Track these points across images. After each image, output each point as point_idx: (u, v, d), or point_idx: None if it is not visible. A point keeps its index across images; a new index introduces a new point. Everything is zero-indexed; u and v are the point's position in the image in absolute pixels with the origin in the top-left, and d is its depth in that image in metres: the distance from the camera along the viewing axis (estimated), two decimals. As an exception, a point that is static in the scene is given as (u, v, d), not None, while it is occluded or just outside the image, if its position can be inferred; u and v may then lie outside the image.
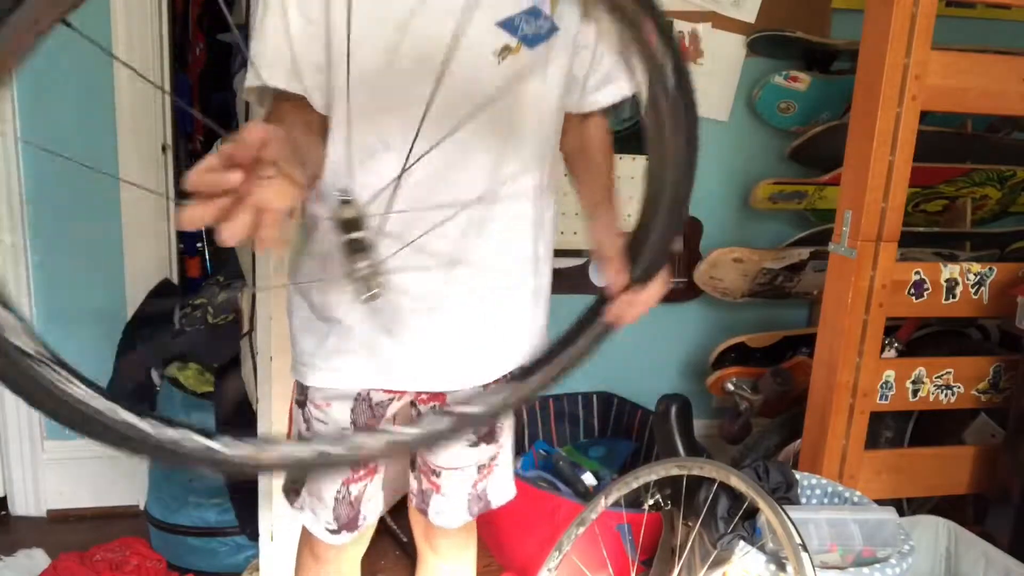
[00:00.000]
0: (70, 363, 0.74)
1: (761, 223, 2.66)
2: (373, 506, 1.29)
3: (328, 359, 1.16)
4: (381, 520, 1.40)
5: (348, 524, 1.27)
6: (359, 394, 1.19)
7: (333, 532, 1.26)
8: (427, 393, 1.22)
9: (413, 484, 1.33)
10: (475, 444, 1.26)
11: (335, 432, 1.19)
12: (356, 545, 1.34)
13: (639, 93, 0.79)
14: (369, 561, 1.50)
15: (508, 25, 1.03)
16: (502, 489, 1.34)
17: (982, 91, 1.76)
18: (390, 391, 1.20)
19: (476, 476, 1.29)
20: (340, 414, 1.20)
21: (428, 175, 1.04)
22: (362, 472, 1.25)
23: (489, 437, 1.28)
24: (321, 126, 1.10)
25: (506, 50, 1.03)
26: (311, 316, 1.17)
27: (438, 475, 1.28)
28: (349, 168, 1.08)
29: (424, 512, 1.32)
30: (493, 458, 1.30)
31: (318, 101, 1.07)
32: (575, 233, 2.51)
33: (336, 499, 1.24)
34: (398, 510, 2.21)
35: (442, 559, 1.41)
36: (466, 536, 1.40)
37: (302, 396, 1.23)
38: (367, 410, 1.20)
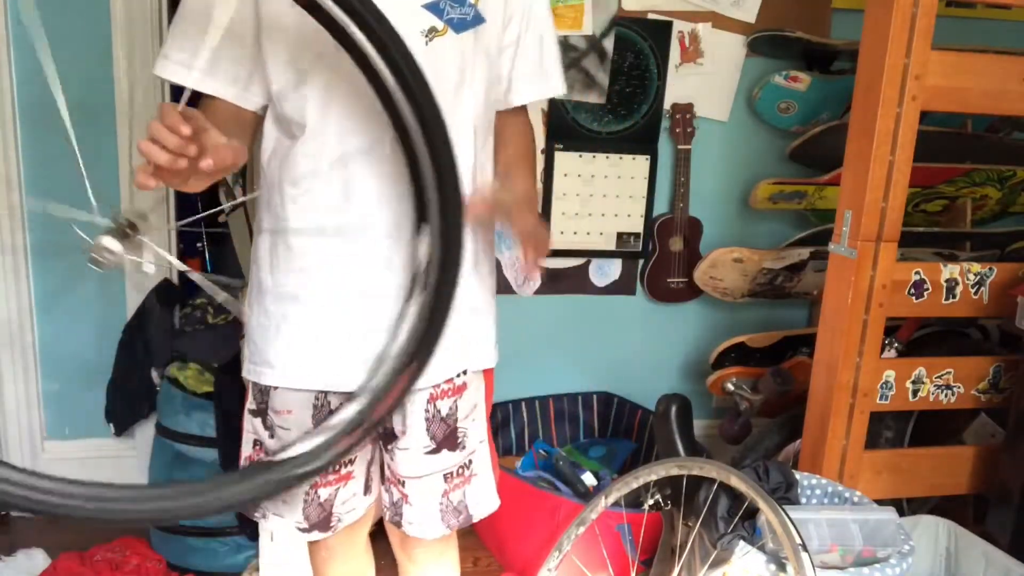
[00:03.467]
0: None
1: (761, 223, 2.66)
2: (350, 509, 1.27)
3: (282, 355, 1.16)
4: (379, 520, 1.39)
5: (319, 524, 1.25)
6: (317, 397, 1.19)
7: (303, 531, 1.25)
8: None
9: (385, 497, 1.30)
10: (435, 451, 1.23)
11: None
12: (355, 526, 1.33)
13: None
14: (369, 561, 1.51)
15: (433, 8, 1.10)
16: (483, 500, 1.30)
17: (982, 91, 1.76)
18: (346, 393, 1.16)
19: (445, 485, 1.25)
20: (303, 419, 1.19)
21: (362, 155, 1.09)
22: (331, 477, 1.23)
23: (451, 443, 1.24)
24: (248, 121, 1.16)
25: (433, 31, 1.09)
26: (265, 306, 1.18)
27: (403, 484, 1.25)
28: (282, 154, 1.14)
29: (398, 524, 1.28)
30: (465, 467, 1.26)
31: (237, 96, 1.13)
32: (575, 233, 2.52)
33: (305, 500, 1.23)
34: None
35: (420, 568, 1.38)
36: (443, 543, 1.35)
37: (260, 404, 1.22)
38: (328, 416, 1.16)
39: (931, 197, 2.50)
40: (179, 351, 2.20)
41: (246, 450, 1.27)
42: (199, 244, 2.91)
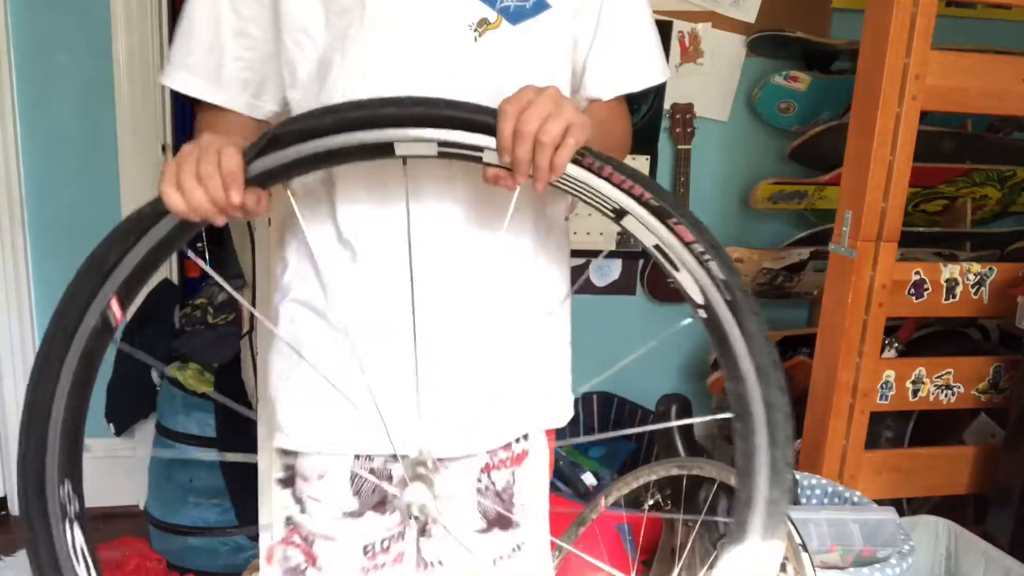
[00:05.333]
0: None
1: (761, 223, 2.66)
2: None
3: (316, 412, 0.95)
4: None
5: None
6: (356, 458, 0.97)
7: None
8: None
9: None
10: (484, 531, 1.02)
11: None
12: None
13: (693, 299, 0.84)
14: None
15: None
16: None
17: (982, 91, 1.76)
18: (386, 455, 0.98)
19: (493, 569, 1.04)
20: (339, 487, 0.97)
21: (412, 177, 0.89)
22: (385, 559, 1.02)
23: (504, 523, 1.03)
24: (254, 130, 0.97)
25: (484, 24, 0.91)
26: (280, 348, 0.97)
27: (440, 564, 1.03)
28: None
29: None
30: (517, 548, 1.05)
31: (247, 106, 0.97)
32: (575, 233, 2.51)
33: None
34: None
35: None
36: None
37: (287, 472, 0.99)
38: (370, 481, 0.98)
39: (931, 197, 2.50)
40: (179, 351, 2.20)
41: (278, 530, 1.02)
42: (199, 244, 2.91)
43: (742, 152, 2.60)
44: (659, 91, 2.46)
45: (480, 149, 0.79)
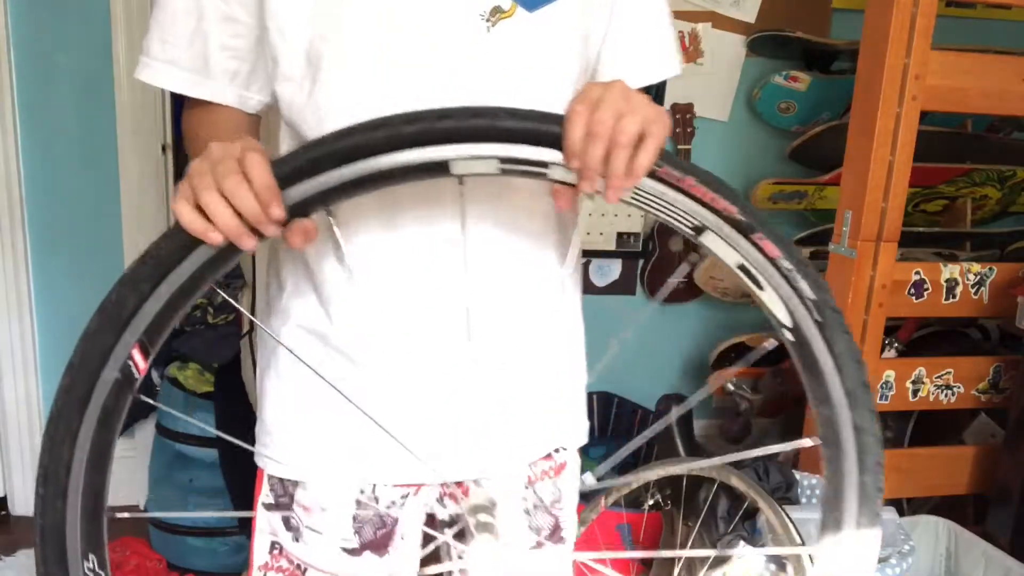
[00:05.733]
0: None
1: (761, 223, 2.66)
2: None
3: (317, 439, 0.89)
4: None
5: None
6: (362, 492, 0.90)
7: None
8: (447, 485, 0.94)
9: None
10: (536, 546, 0.98)
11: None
12: None
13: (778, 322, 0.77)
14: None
15: None
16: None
17: (982, 91, 1.76)
18: (403, 484, 0.91)
19: None
20: (340, 523, 0.90)
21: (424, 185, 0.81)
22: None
23: (554, 538, 0.99)
24: (247, 126, 0.90)
25: (497, 12, 0.81)
26: (292, 368, 0.89)
27: None
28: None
29: None
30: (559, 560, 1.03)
31: (238, 98, 0.87)
32: (575, 233, 2.51)
33: None
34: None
35: None
36: None
37: (281, 497, 0.92)
38: (374, 519, 0.91)
39: (931, 197, 2.50)
40: (179, 351, 2.20)
41: (260, 555, 0.94)
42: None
43: (742, 152, 2.60)
44: (659, 91, 2.46)
45: (546, 164, 0.71)
